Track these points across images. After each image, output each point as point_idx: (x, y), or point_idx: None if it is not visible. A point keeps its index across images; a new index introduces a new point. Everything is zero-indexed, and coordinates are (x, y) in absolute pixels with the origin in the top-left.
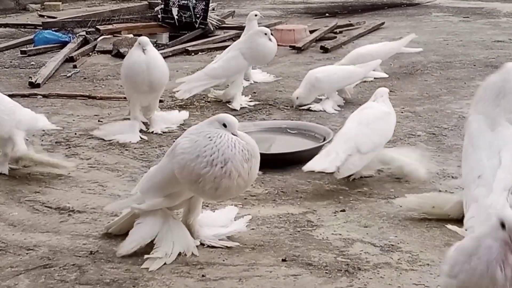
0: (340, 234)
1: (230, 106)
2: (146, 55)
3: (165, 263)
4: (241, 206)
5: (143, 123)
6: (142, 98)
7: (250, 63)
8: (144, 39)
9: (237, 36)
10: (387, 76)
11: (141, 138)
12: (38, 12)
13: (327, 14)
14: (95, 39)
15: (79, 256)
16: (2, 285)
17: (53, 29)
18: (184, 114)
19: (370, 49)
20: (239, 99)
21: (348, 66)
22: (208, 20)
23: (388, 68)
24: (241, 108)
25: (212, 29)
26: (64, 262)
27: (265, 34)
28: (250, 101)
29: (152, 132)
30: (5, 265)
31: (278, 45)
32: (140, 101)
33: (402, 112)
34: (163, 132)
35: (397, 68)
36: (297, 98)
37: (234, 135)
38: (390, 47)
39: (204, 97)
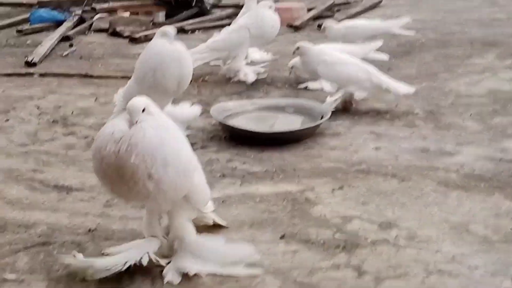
0: (338, 211)
1: (244, 81)
2: (174, 45)
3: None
4: (239, 184)
5: None
6: (162, 102)
7: (255, 39)
8: (170, 29)
9: (235, 14)
10: (387, 58)
11: None
12: None
13: None
14: (91, 18)
15: (78, 234)
16: (1, 262)
17: (49, 7)
18: (196, 109)
19: (358, 24)
20: (247, 71)
21: (346, 46)
22: None
23: (385, 46)
24: (239, 84)
25: (208, 7)
26: (62, 239)
27: (270, 7)
28: (263, 67)
29: None
30: (4, 243)
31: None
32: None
33: None
34: None
35: (394, 47)
36: (291, 67)
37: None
38: (379, 26)
39: (201, 76)
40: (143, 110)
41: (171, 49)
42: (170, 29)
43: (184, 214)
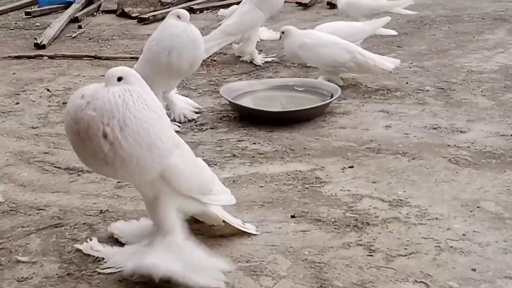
0: (349, 190)
1: (254, 62)
2: (189, 26)
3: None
4: (249, 164)
5: None
6: (170, 83)
7: (265, 13)
8: (185, 12)
9: None
10: (396, 34)
11: None
12: None
13: None
14: None
15: (90, 215)
16: (14, 244)
17: None
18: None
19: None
20: (258, 55)
21: (355, 23)
22: None
23: (395, 23)
24: (249, 64)
25: None
26: (74, 221)
27: None
28: (266, 57)
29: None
30: (16, 225)
31: (284, 1)
32: (162, 87)
33: (410, 67)
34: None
35: (405, 23)
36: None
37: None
38: (381, 4)
39: (210, 56)
40: (120, 79)
41: (186, 30)
42: (184, 11)
43: (170, 203)
